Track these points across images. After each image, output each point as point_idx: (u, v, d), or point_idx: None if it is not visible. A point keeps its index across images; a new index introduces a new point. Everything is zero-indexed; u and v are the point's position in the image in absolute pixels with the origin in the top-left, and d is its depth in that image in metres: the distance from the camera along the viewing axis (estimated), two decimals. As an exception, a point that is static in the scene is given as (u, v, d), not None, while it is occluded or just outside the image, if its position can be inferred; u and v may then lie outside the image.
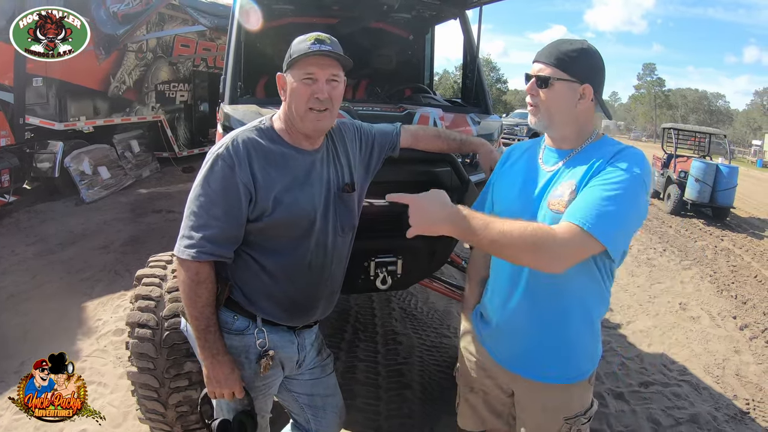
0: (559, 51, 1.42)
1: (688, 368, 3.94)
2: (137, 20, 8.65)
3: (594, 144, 1.47)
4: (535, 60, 1.48)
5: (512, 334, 1.56)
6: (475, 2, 2.97)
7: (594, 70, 1.44)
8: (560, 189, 1.41)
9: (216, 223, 1.47)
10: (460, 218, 1.34)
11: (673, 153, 11.35)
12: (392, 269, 2.31)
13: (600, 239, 1.26)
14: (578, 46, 1.43)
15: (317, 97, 1.52)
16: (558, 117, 1.45)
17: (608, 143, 1.45)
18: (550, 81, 1.42)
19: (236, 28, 2.55)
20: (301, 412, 1.90)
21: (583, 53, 1.42)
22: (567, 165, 1.46)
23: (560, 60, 1.41)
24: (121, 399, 2.99)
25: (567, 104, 1.43)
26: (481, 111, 2.80)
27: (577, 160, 1.44)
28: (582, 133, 1.48)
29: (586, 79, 1.41)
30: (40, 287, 4.70)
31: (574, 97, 1.42)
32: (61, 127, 7.84)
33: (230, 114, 2.21)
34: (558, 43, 1.46)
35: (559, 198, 1.39)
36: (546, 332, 1.49)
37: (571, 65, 1.40)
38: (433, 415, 2.96)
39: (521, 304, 1.50)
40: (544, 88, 1.43)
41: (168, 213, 7.40)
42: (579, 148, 1.47)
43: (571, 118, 1.45)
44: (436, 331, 4.04)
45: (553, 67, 1.42)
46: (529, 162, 1.58)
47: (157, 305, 2.22)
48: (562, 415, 1.55)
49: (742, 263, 7.28)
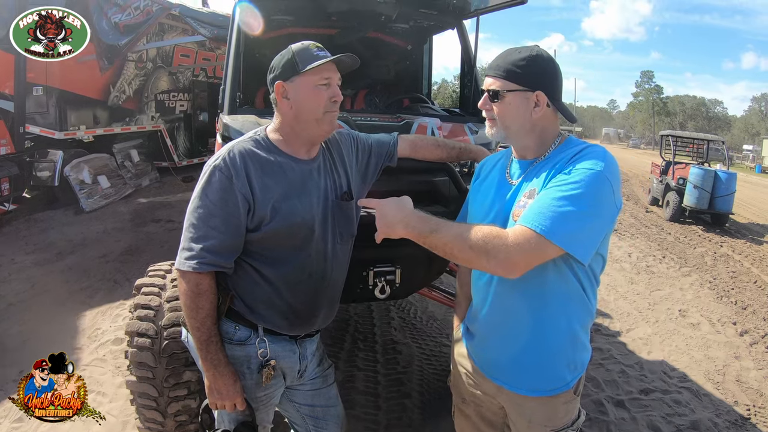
0: (506, 62, 1.41)
1: (688, 375, 3.93)
2: (139, 30, 8.70)
3: (557, 149, 1.43)
4: (485, 74, 1.48)
5: (493, 345, 1.53)
6: (472, 12, 3.00)
7: (545, 75, 1.41)
8: (523, 199, 1.38)
9: (215, 234, 1.48)
10: (415, 221, 1.39)
11: (672, 160, 11.38)
12: (391, 278, 2.31)
13: (555, 241, 1.23)
14: (526, 53, 1.40)
15: (335, 100, 1.57)
16: (514, 128, 1.43)
17: (571, 144, 1.42)
18: (500, 94, 1.41)
19: (235, 39, 2.57)
20: (303, 422, 1.89)
21: (532, 60, 1.39)
22: (529, 175, 1.43)
23: (509, 71, 1.40)
24: (120, 408, 2.98)
25: (521, 114, 1.41)
26: (478, 120, 2.81)
27: (540, 168, 1.41)
28: (544, 140, 1.45)
29: (538, 85, 1.39)
30: (40, 296, 4.70)
31: (529, 106, 1.40)
32: (61, 136, 7.86)
33: (229, 124, 2.22)
34: (506, 53, 1.44)
35: (522, 208, 1.35)
36: (523, 343, 1.45)
37: (520, 75, 1.39)
38: (432, 424, 2.95)
39: (495, 313, 1.48)
40: (496, 101, 1.42)
41: (167, 222, 7.40)
42: (543, 156, 1.44)
43: (528, 127, 1.42)
44: (435, 340, 4.04)
45: (502, 80, 1.41)
46: (498, 175, 1.56)
47: (156, 314, 2.22)
48: (548, 427, 1.52)
49: (741, 269, 7.28)
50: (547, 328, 1.43)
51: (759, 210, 13.90)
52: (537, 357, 1.45)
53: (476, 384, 1.65)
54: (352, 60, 1.62)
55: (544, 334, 1.43)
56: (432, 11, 3.05)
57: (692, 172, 10.22)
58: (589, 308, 1.46)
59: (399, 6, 2.85)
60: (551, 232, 1.22)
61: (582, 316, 1.46)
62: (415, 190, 2.35)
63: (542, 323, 1.42)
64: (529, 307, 1.42)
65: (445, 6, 2.92)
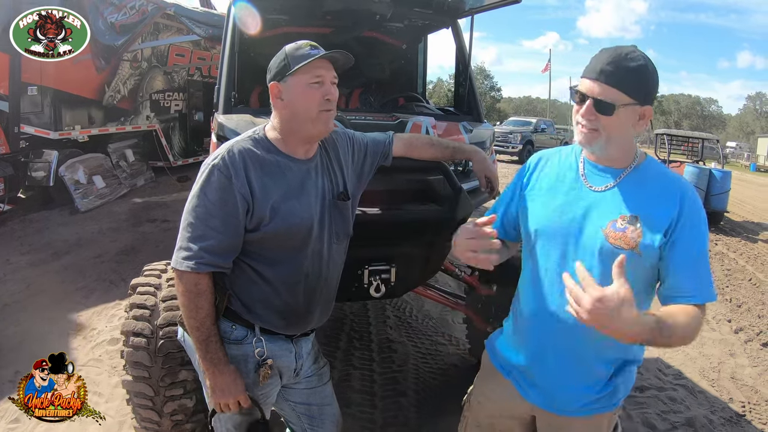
0: (620, 69, 1.25)
1: (683, 372, 3.96)
2: (135, 30, 8.68)
3: (642, 165, 1.36)
4: (589, 77, 1.29)
5: (548, 366, 1.46)
6: (466, 11, 3.00)
7: (655, 89, 1.31)
8: (619, 221, 1.30)
9: (214, 234, 1.48)
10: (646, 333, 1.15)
11: (667, 159, 11.43)
12: (386, 277, 2.32)
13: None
14: (640, 62, 1.25)
15: (328, 99, 1.55)
16: (616, 141, 1.31)
17: (654, 165, 1.38)
18: (616, 108, 1.26)
19: (230, 38, 2.57)
20: (298, 421, 1.90)
21: (646, 70, 1.26)
22: (618, 187, 1.35)
23: (623, 82, 1.24)
24: (116, 408, 2.98)
25: (628, 128, 1.30)
26: (473, 119, 2.82)
27: (629, 183, 1.34)
28: (629, 150, 1.36)
29: (647, 100, 1.28)
30: (35, 296, 4.69)
31: (635, 119, 1.29)
32: (56, 136, 7.82)
33: (224, 124, 2.22)
34: (617, 57, 1.26)
35: (622, 233, 1.29)
36: (578, 366, 1.42)
37: (636, 88, 1.26)
38: (428, 423, 2.96)
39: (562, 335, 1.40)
40: (608, 115, 1.27)
41: (163, 222, 7.39)
42: (629, 168, 1.36)
43: (628, 140, 1.34)
44: (431, 338, 4.05)
45: (616, 90, 1.25)
46: (570, 176, 1.44)
47: (151, 314, 2.22)
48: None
49: (736, 267, 7.32)
50: (601, 352, 1.41)
51: (754, 208, 13.95)
52: (611, 375, 1.44)
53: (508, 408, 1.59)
54: (345, 57, 1.60)
55: (595, 357, 1.41)
56: (427, 10, 3.06)
57: (687, 170, 10.25)
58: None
59: (394, 5, 2.85)
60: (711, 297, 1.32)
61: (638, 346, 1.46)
62: (410, 189, 2.37)
63: (595, 346, 1.38)
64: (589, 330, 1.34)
65: (439, 5, 2.93)
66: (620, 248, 1.28)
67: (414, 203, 2.37)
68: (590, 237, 1.33)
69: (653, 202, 1.30)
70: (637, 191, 1.32)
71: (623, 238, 1.29)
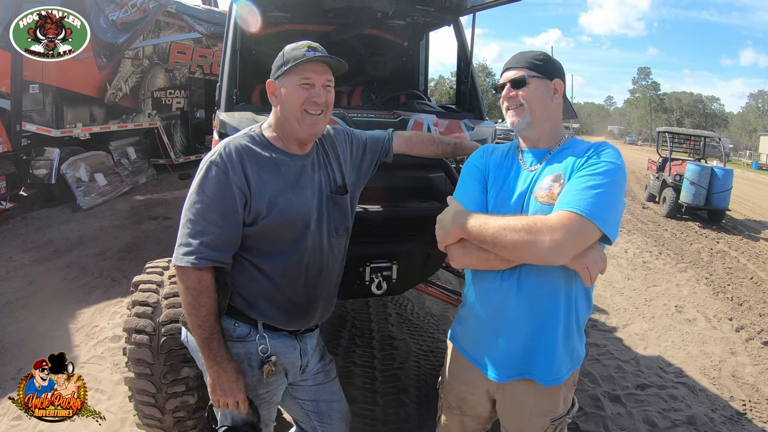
0: (524, 57, 1.58)
1: (684, 370, 3.96)
2: (136, 28, 8.68)
3: (568, 143, 1.57)
4: (505, 69, 1.61)
5: (507, 339, 1.56)
6: (468, 8, 3.00)
7: (558, 69, 1.58)
8: (546, 182, 1.48)
9: (213, 229, 1.49)
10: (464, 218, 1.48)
11: (669, 156, 11.40)
12: (387, 274, 2.32)
13: (598, 224, 1.32)
14: (540, 52, 1.59)
15: (315, 101, 1.57)
16: (539, 112, 1.55)
17: (582, 141, 1.57)
18: (526, 79, 1.54)
19: (232, 36, 2.57)
20: (307, 419, 1.91)
21: (546, 56, 1.59)
22: (548, 162, 1.54)
23: (529, 63, 1.56)
24: (118, 405, 2.99)
25: (545, 99, 1.55)
26: (474, 116, 2.82)
27: (556, 157, 1.53)
28: (557, 131, 1.59)
29: (555, 75, 1.56)
30: (37, 294, 4.70)
31: (549, 93, 1.55)
32: (58, 133, 7.85)
33: (226, 121, 2.22)
34: (520, 54, 1.61)
35: (547, 190, 1.45)
36: (540, 334, 1.50)
37: (540, 66, 1.55)
38: (429, 419, 2.96)
39: (516, 307, 1.51)
40: (523, 87, 1.54)
41: (165, 220, 7.40)
42: (556, 146, 1.57)
43: (549, 113, 1.56)
44: (432, 335, 4.05)
45: (524, 69, 1.55)
46: (511, 163, 1.63)
47: (154, 311, 2.23)
48: (548, 418, 1.58)
49: (737, 265, 7.31)
50: (562, 318, 1.49)
51: (755, 206, 13.95)
52: (553, 346, 1.51)
53: (469, 387, 1.69)
54: (338, 63, 1.62)
55: (559, 324, 1.49)
56: (429, 8, 3.05)
57: (689, 168, 10.25)
58: (591, 302, 1.57)
59: (395, 2, 2.85)
60: (593, 215, 1.32)
61: (585, 308, 1.56)
62: (412, 186, 2.37)
63: (558, 314, 1.49)
64: (550, 298, 1.48)
65: (441, 2, 2.93)
66: (548, 204, 1.44)
67: (415, 200, 2.37)
68: (530, 205, 1.49)
69: (573, 163, 1.47)
70: (563, 159, 1.51)
71: (549, 195, 1.45)
